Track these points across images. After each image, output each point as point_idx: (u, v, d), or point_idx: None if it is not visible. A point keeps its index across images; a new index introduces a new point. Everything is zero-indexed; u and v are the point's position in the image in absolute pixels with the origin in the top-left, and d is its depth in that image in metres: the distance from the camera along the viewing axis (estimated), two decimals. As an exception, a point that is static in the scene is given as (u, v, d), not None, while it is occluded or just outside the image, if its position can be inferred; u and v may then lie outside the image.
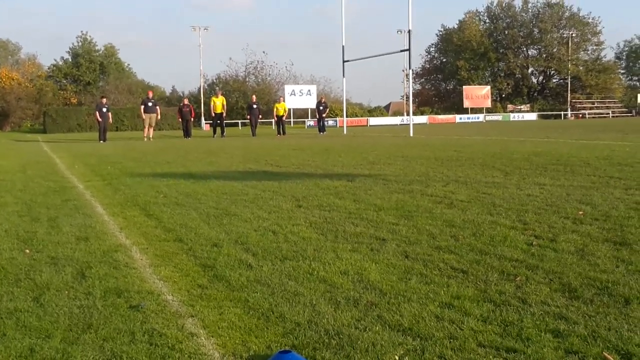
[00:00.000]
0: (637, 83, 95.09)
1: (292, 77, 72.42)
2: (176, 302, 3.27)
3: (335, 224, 5.27)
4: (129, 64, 75.22)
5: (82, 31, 70.63)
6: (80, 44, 69.11)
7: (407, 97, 52.46)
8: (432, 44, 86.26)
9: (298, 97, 61.49)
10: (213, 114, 28.56)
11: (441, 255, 4.08)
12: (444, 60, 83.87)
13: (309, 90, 60.92)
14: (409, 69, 30.64)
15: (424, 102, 77.31)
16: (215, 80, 73.61)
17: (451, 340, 2.61)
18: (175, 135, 31.13)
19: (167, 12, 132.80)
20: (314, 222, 5.43)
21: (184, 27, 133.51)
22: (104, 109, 25.46)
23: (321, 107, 31.57)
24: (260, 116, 32.25)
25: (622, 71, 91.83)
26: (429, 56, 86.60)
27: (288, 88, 64.15)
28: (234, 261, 4.08)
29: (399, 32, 63.81)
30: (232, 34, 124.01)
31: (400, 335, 2.69)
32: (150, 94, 27.61)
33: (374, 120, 58.63)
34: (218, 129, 29.07)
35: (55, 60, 68.49)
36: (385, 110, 76.90)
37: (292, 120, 64.87)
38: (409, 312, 2.96)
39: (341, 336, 2.69)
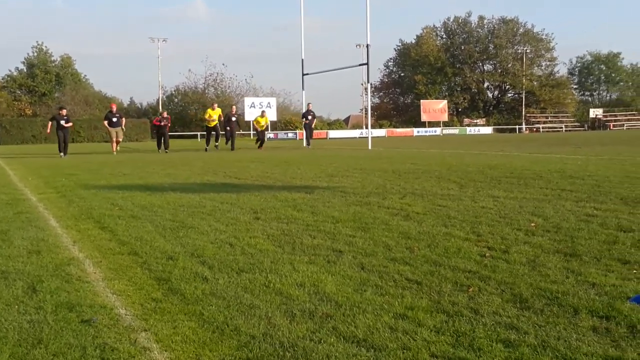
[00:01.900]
0: (589, 98, 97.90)
1: (251, 89, 72.37)
2: (129, 316, 3.23)
3: (292, 236, 5.27)
4: (85, 75, 74.06)
5: (37, 41, 69.13)
6: (35, 54, 67.79)
7: (366, 111, 52.91)
8: (391, 59, 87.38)
9: (258, 110, 61.34)
10: (207, 126, 27.32)
11: (396, 266, 4.12)
12: (402, 74, 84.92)
13: (269, 103, 60.88)
14: (367, 82, 30.90)
15: (382, 116, 78.00)
16: (174, 92, 73.05)
17: (404, 350, 2.64)
18: (143, 150, 30.54)
19: (125, 24, 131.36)
20: (272, 234, 5.42)
21: (142, 39, 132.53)
22: (63, 121, 23.06)
23: (309, 117, 29.45)
24: (239, 129, 31.70)
25: (574, 86, 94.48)
26: (387, 70, 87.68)
27: (248, 100, 64.00)
28: (189, 274, 4.05)
29: (358, 46, 64.48)
30: (191, 46, 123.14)
31: (355, 347, 2.70)
32: (114, 108, 26.07)
33: (333, 133, 58.94)
34: (212, 140, 27.49)
35: (10, 70, 67.05)
36: (344, 123, 77.40)
37: (251, 132, 64.72)
38: (364, 324, 2.98)
39: (296, 348, 2.70)
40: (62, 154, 22.45)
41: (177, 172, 13.45)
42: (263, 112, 30.59)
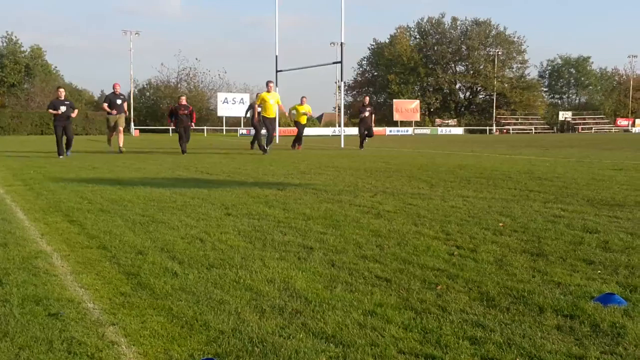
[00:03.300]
0: (559, 101, 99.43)
1: (225, 84, 72.14)
2: (97, 310, 3.20)
3: (263, 233, 5.27)
4: (56, 67, 72.97)
5: (7, 31, 68.03)
6: (4, 44, 66.59)
7: (339, 109, 53.05)
8: (364, 57, 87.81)
9: (231, 105, 61.20)
10: (258, 119, 18.44)
11: (366, 264, 4.15)
12: (376, 73, 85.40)
13: (242, 99, 60.68)
14: (341, 81, 31.05)
15: (355, 114, 78.27)
16: (146, 86, 72.45)
17: (373, 347, 2.66)
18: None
19: (97, 16, 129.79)
20: (243, 230, 5.41)
21: (114, 31, 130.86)
22: (63, 108, 16.66)
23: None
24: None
25: (544, 89, 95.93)
26: (361, 69, 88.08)
27: (221, 96, 63.67)
28: (158, 269, 4.03)
29: (332, 45, 64.62)
30: (164, 39, 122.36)
31: (324, 343, 2.72)
32: (118, 88, 19.40)
33: (306, 131, 58.88)
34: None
35: (-22, 60, 65.81)
36: (317, 121, 77.44)
37: (224, 128, 64.38)
38: (333, 320, 3.00)
39: (265, 344, 2.70)
40: (62, 155, 16.67)
41: (148, 166, 13.34)
42: (303, 99, 22.02)
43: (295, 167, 12.92)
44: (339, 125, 40.21)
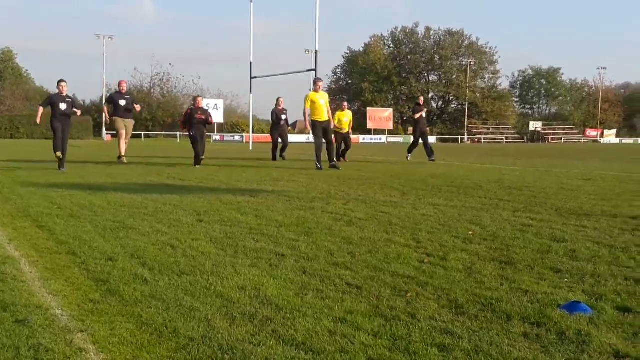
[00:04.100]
0: (530, 111, 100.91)
1: (199, 90, 71.83)
2: (66, 316, 3.17)
3: (235, 239, 5.26)
4: (27, 70, 71.98)
5: (-24, 33, 66.94)
6: (-26, 47, 65.56)
7: (313, 116, 53.14)
8: (339, 65, 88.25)
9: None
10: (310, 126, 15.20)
11: (338, 271, 4.17)
12: (350, 81, 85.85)
13: (216, 105, 60.45)
14: (315, 88, 31.05)
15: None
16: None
17: (342, 354, 2.68)
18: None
19: (70, 20, 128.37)
20: (215, 237, 5.40)
21: (87, 35, 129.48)
22: (64, 105, 13.44)
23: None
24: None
25: (515, 99, 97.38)
26: (335, 77, 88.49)
27: (194, 101, 63.14)
28: (128, 275, 3.99)
29: (306, 52, 64.74)
30: (138, 44, 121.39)
31: (294, 350, 2.73)
32: (124, 86, 16.19)
33: (280, 138, 58.90)
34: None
35: (-54, 62, 64.68)
36: (292, 128, 77.43)
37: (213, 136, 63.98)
38: (304, 327, 3.01)
39: (235, 351, 2.70)
40: (61, 168, 13.35)
41: (119, 172, 13.21)
42: (344, 105, 19.62)
43: (268, 173, 12.91)
44: (313, 133, 40.19)
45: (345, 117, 19.17)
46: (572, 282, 3.91)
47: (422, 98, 20.56)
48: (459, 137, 75.70)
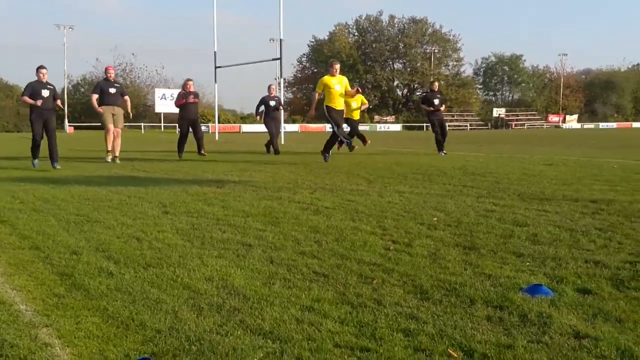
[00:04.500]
0: (493, 98, 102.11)
1: (162, 80, 71.04)
2: (30, 311, 3.13)
3: (202, 231, 5.25)
4: (-18, 63, 70.27)
5: None
6: None
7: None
8: (304, 54, 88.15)
9: (169, 101, 60.24)
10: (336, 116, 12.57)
11: (305, 260, 4.19)
12: (315, 70, 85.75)
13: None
14: (281, 77, 30.98)
15: (296, 111, 78.43)
16: (80, 82, 70.70)
17: (309, 341, 2.70)
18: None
19: (29, 12, 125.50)
20: (181, 228, 5.37)
21: (47, 26, 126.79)
22: (45, 92, 11.89)
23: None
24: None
25: (479, 86, 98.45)
26: (300, 66, 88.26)
27: (158, 92, 62.63)
28: (93, 269, 3.96)
29: (271, 41, 64.40)
30: (100, 35, 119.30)
31: (261, 339, 2.74)
32: (112, 72, 14.15)
33: (247, 127, 58.69)
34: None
35: None
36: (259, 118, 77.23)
37: (162, 125, 63.33)
38: (271, 316, 3.02)
39: (202, 342, 2.71)
40: (37, 160, 12.34)
41: (83, 164, 13.02)
42: (357, 88, 13.51)
43: (235, 164, 12.86)
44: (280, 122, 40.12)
45: (355, 103, 16.38)
46: (534, 266, 4.00)
47: (436, 83, 17.41)
48: (425, 124, 76.25)
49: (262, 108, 17.05)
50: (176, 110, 15.55)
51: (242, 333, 2.81)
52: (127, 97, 14.00)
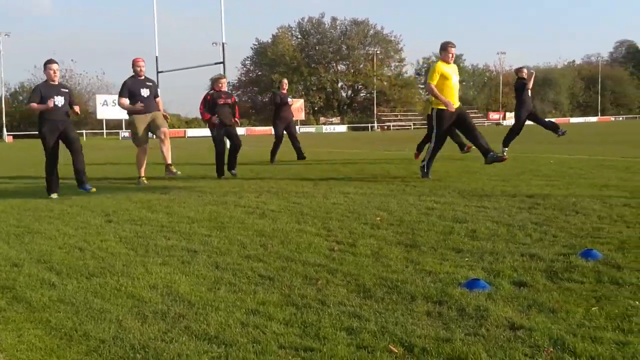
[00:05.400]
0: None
1: (104, 86, 69.68)
2: (-31, 327, 3.07)
3: (146, 238, 5.21)
4: None
5: None
6: None
7: (224, 109, 52.54)
8: (248, 57, 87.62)
9: (111, 107, 59.16)
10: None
11: (250, 263, 4.23)
12: (260, 73, 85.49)
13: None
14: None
15: (241, 114, 77.83)
16: (18, 89, 68.78)
17: (254, 344, 2.75)
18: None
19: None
20: (124, 237, 5.33)
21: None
22: (59, 99, 8.55)
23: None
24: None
25: (421, 86, 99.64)
26: (244, 69, 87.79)
27: (100, 98, 61.45)
28: (35, 281, 3.90)
29: (214, 44, 63.85)
30: (37, 40, 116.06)
31: (207, 344, 2.77)
32: (142, 65, 10.07)
33: (192, 132, 58.06)
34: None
35: None
36: (203, 122, 76.55)
37: (104, 131, 62.10)
38: (216, 321, 3.05)
39: (147, 349, 2.72)
40: (55, 191, 8.61)
41: (23, 174, 12.69)
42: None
43: (179, 169, 12.73)
44: (224, 126, 39.77)
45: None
46: (473, 261, 4.14)
47: (524, 69, 14.03)
48: (369, 125, 77.00)
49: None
50: (119, 116, 13.74)
51: (187, 339, 2.83)
52: (159, 99, 10.43)
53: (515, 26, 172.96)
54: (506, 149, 13.82)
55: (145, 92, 9.85)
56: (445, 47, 9.34)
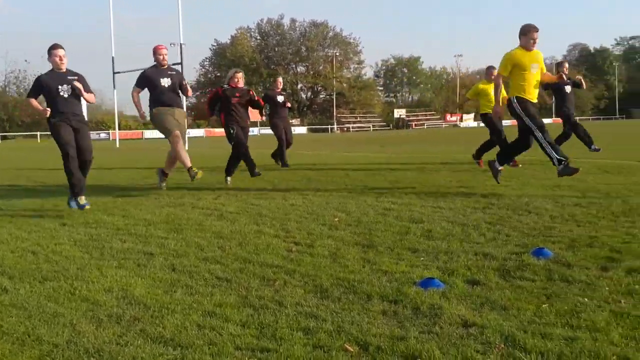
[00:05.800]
0: (393, 99, 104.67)
1: (58, 87, 68.24)
2: None
3: (101, 241, 5.15)
4: None
5: None
6: None
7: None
8: (206, 58, 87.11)
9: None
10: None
11: (207, 266, 4.21)
12: (218, 74, 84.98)
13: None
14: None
15: (200, 116, 77.30)
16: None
17: (211, 346, 2.74)
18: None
19: None
20: (79, 240, 5.25)
21: None
22: (64, 88, 6.90)
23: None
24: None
25: (380, 88, 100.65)
26: (203, 70, 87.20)
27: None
28: (-14, 286, 3.82)
29: (172, 45, 63.25)
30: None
31: (162, 347, 2.76)
32: (164, 52, 8.74)
33: (149, 133, 57.36)
34: None
35: None
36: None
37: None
38: (172, 324, 3.04)
39: (101, 353, 2.69)
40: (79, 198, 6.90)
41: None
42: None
43: (137, 171, 12.60)
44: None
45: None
46: (428, 260, 4.20)
47: (566, 64, 11.99)
48: (329, 126, 77.28)
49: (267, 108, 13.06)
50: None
51: (142, 342, 2.81)
52: (186, 83, 9.02)
53: (472, 29, 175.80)
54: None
55: (166, 82, 8.59)
56: (526, 31, 7.53)
